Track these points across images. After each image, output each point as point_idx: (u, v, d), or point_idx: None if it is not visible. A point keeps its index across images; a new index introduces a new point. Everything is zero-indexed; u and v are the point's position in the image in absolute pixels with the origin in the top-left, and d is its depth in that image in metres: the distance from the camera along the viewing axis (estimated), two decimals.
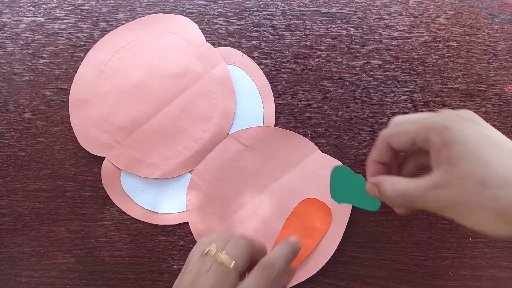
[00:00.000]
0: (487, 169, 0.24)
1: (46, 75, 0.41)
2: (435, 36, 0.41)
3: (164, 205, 0.39)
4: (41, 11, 0.41)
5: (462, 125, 0.26)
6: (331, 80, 0.40)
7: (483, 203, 0.24)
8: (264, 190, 0.39)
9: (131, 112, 0.39)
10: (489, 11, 0.41)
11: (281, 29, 0.41)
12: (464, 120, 0.27)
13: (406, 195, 0.28)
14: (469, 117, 0.27)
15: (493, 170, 0.24)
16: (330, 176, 0.34)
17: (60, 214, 0.39)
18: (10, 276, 0.38)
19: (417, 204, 0.27)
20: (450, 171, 0.26)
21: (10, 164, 0.40)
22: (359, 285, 0.38)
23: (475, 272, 0.38)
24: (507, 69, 0.41)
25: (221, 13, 0.41)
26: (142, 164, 0.39)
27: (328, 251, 0.38)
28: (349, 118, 0.40)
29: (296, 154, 0.39)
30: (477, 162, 0.25)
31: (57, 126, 0.40)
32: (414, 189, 0.27)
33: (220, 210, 0.38)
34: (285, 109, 0.40)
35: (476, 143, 0.25)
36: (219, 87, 0.40)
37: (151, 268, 0.38)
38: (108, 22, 0.41)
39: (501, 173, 0.24)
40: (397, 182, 0.29)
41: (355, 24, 0.41)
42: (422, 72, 0.40)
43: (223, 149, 0.39)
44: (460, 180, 0.25)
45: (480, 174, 0.24)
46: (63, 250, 0.39)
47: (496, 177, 0.24)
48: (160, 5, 0.41)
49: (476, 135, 0.26)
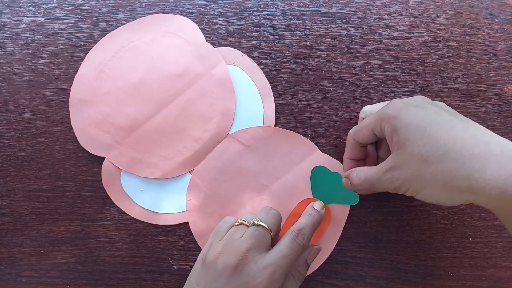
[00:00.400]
0: (429, 147, 0.28)
1: (46, 75, 0.41)
2: (435, 36, 0.41)
3: (164, 205, 0.39)
4: (41, 11, 0.41)
5: (407, 111, 0.30)
6: (331, 80, 0.40)
7: (429, 178, 0.28)
8: (264, 190, 0.39)
9: (131, 112, 0.39)
10: (489, 11, 0.41)
11: (281, 29, 0.41)
12: (409, 106, 0.30)
13: (368, 180, 0.32)
14: (415, 103, 0.30)
15: (433, 147, 0.27)
16: (310, 177, 0.37)
17: (60, 214, 0.39)
18: (10, 276, 0.38)
19: (378, 186, 0.31)
20: (400, 154, 0.29)
21: (10, 164, 0.40)
22: (359, 285, 0.38)
23: (475, 272, 0.38)
24: (507, 69, 0.41)
25: (221, 13, 0.41)
26: (142, 164, 0.39)
27: (326, 250, 0.38)
28: (349, 118, 0.40)
29: (296, 154, 0.39)
30: (420, 142, 0.28)
31: (57, 126, 0.40)
32: (373, 174, 0.31)
33: (220, 210, 0.38)
34: (285, 109, 0.40)
35: (418, 125, 0.28)
36: (219, 87, 0.40)
37: (151, 268, 0.38)
38: (108, 22, 0.41)
39: (441, 149, 0.27)
40: (361, 171, 0.33)
41: (355, 24, 0.41)
42: (422, 72, 0.40)
43: (223, 149, 0.39)
44: (408, 161, 0.28)
45: (423, 153, 0.28)
46: (63, 250, 0.39)
47: (437, 153, 0.27)
48: (160, 5, 0.41)
49: (419, 118, 0.29)
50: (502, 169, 0.25)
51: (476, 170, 0.26)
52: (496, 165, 0.26)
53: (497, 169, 0.26)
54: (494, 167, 0.26)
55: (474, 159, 0.26)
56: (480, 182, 0.26)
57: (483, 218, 0.39)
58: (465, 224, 0.39)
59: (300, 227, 0.33)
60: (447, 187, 0.27)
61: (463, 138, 0.27)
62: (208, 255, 0.32)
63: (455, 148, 0.27)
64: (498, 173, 0.25)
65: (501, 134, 0.40)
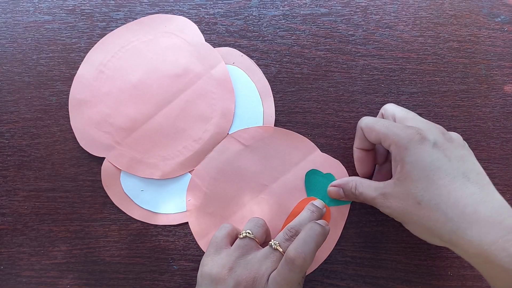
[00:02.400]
0: (425, 192, 0.29)
1: (46, 75, 0.41)
2: (435, 36, 0.41)
3: (164, 205, 0.39)
4: (41, 11, 0.41)
5: (420, 148, 0.30)
6: (331, 80, 0.40)
7: (416, 220, 0.30)
8: (264, 190, 0.39)
9: (131, 112, 0.39)
10: (489, 11, 0.41)
11: (281, 29, 0.41)
12: (425, 142, 0.30)
13: (363, 195, 0.33)
14: (433, 139, 0.30)
15: (429, 195, 0.29)
16: (305, 182, 0.38)
17: (60, 214, 0.39)
18: (10, 276, 0.38)
19: (370, 203, 0.33)
20: (397, 185, 0.30)
21: (10, 164, 0.40)
22: (359, 285, 0.38)
23: (475, 272, 0.38)
24: (507, 69, 0.41)
25: (221, 13, 0.41)
26: (142, 165, 0.39)
27: (326, 250, 0.38)
28: (349, 118, 0.40)
29: (296, 154, 0.39)
30: (419, 185, 0.29)
31: (57, 126, 0.40)
32: (369, 192, 0.33)
33: (220, 210, 0.38)
34: (285, 109, 0.40)
35: (425, 168, 0.29)
36: (219, 87, 0.40)
37: (151, 268, 0.38)
38: (108, 22, 0.41)
39: (435, 199, 0.28)
40: (360, 185, 0.34)
41: (355, 24, 0.41)
42: (422, 72, 0.40)
43: (223, 149, 0.39)
44: (403, 195, 0.30)
45: (418, 196, 0.29)
46: (63, 250, 0.39)
47: (431, 201, 0.29)
48: (160, 5, 0.41)
49: (428, 160, 0.29)
50: (485, 233, 0.27)
51: (461, 229, 0.28)
52: (480, 229, 0.27)
53: (480, 233, 0.27)
54: (478, 230, 0.27)
55: (462, 217, 0.28)
56: (460, 240, 0.28)
57: None
58: None
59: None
60: (429, 232, 0.30)
61: (458, 194, 0.28)
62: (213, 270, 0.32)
63: (448, 202, 0.28)
64: (480, 236, 0.27)
65: (501, 134, 0.40)
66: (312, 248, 0.30)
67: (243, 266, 0.31)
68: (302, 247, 0.30)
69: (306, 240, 0.31)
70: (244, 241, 0.33)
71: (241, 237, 0.33)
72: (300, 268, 0.30)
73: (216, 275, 0.31)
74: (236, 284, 0.30)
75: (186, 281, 0.38)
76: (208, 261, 0.33)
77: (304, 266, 0.30)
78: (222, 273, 0.31)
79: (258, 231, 0.34)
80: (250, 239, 0.33)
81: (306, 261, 0.30)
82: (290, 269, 0.30)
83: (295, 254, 0.30)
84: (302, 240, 0.31)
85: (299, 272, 0.30)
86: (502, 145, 0.40)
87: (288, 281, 0.30)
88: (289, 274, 0.30)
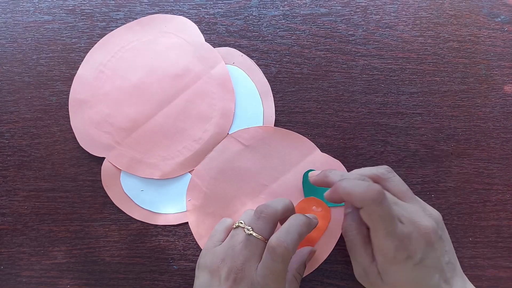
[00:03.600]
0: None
1: (46, 75, 0.41)
2: (435, 36, 0.41)
3: (164, 205, 0.39)
4: (41, 11, 0.41)
5: (394, 268, 0.31)
6: (331, 80, 0.40)
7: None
8: (264, 190, 0.39)
9: (130, 112, 0.39)
10: (489, 11, 0.41)
11: (281, 29, 0.41)
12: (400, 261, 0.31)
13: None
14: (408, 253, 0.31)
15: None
16: (302, 183, 0.38)
17: (60, 214, 0.39)
18: (10, 276, 0.38)
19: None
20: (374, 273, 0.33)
21: (10, 164, 0.40)
22: (359, 285, 0.38)
23: (475, 272, 0.38)
24: (507, 69, 0.41)
25: (221, 13, 0.41)
26: (142, 165, 0.39)
27: (326, 250, 0.38)
28: (349, 118, 0.40)
29: (296, 154, 0.39)
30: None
31: (57, 126, 0.40)
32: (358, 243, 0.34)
33: (220, 210, 0.38)
34: (285, 109, 0.40)
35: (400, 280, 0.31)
36: (219, 87, 0.40)
37: (151, 268, 0.38)
38: (108, 22, 0.41)
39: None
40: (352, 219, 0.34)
41: (355, 24, 0.41)
42: (422, 72, 0.40)
43: (223, 149, 0.39)
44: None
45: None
46: (63, 250, 0.39)
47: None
48: (160, 5, 0.41)
49: (405, 280, 0.31)
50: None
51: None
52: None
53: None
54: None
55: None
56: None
57: (483, 218, 0.39)
58: (465, 224, 0.38)
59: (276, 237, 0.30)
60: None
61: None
62: (208, 261, 0.33)
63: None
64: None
65: (501, 134, 0.40)
66: (294, 238, 0.30)
67: (231, 256, 0.31)
68: (284, 236, 0.30)
69: (289, 230, 0.30)
70: (236, 231, 0.33)
71: (234, 227, 0.33)
72: (282, 257, 0.29)
73: (211, 266, 0.32)
74: (228, 273, 0.31)
75: (186, 281, 0.38)
76: (205, 253, 0.34)
77: (286, 256, 0.29)
78: (216, 264, 0.32)
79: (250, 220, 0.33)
80: (242, 228, 0.33)
81: (288, 250, 0.29)
82: (272, 258, 0.29)
83: (276, 243, 0.29)
84: (285, 230, 0.30)
85: (281, 262, 0.29)
86: (502, 145, 0.40)
87: (271, 271, 0.29)
88: (272, 263, 0.29)
